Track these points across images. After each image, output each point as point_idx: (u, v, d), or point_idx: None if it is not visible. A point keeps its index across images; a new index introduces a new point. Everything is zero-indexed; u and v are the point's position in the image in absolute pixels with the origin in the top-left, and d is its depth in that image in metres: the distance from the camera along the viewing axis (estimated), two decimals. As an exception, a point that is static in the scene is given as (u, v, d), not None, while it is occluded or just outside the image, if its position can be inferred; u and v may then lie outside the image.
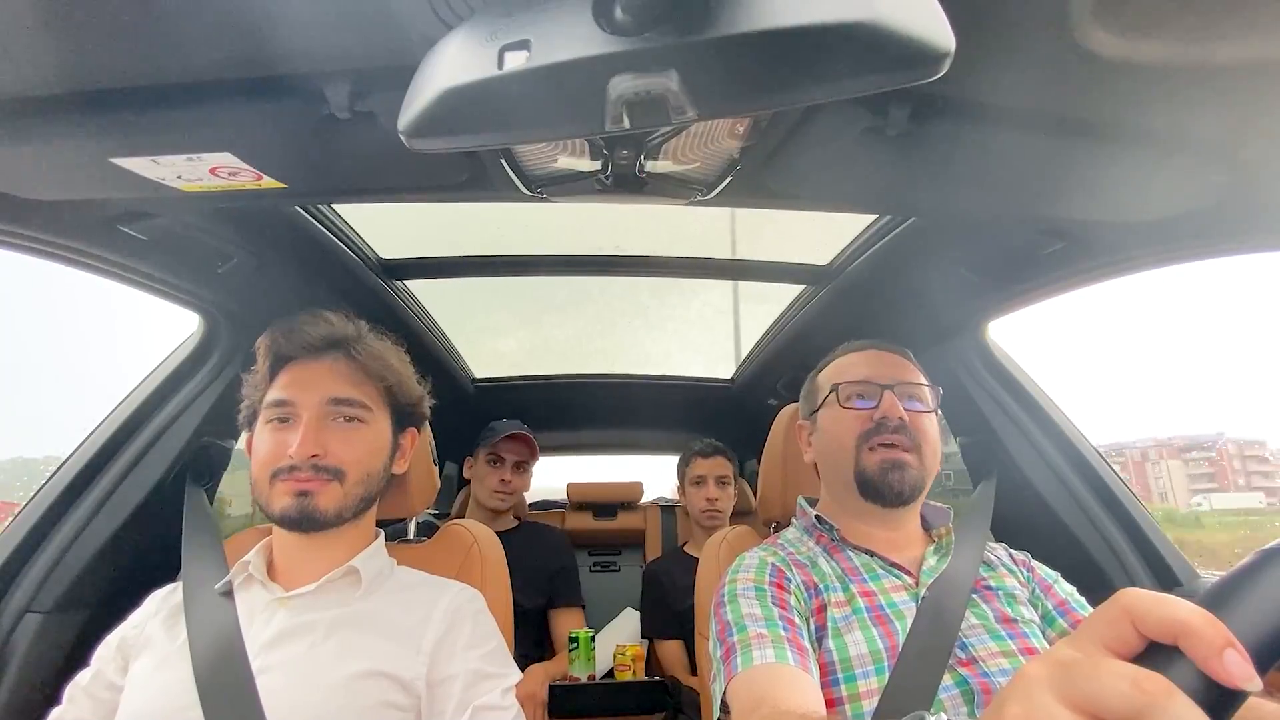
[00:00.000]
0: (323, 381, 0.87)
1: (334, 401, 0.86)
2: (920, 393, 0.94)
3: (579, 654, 1.53)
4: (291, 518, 0.82)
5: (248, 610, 0.84)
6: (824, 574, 0.88)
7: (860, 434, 0.91)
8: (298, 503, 0.82)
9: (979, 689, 0.76)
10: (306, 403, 0.85)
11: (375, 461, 0.90)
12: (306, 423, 0.84)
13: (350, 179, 0.82)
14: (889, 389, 0.92)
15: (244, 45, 0.57)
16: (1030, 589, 0.91)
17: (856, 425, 0.92)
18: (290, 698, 0.76)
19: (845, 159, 0.77)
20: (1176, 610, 0.28)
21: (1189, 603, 0.29)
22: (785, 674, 0.72)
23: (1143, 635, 0.29)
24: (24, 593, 1.05)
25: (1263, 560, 0.31)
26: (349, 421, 0.87)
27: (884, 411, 0.90)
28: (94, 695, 0.81)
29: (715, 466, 2.02)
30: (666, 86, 0.40)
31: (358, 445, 0.87)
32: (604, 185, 0.77)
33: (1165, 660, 0.28)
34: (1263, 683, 0.27)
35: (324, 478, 0.84)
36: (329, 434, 0.85)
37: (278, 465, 0.83)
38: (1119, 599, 0.30)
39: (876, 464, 0.89)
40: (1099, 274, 1.05)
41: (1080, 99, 0.64)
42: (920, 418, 0.92)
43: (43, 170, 0.73)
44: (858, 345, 1.02)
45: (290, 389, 0.87)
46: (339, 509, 0.85)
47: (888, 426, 0.90)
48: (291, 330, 0.89)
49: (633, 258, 1.43)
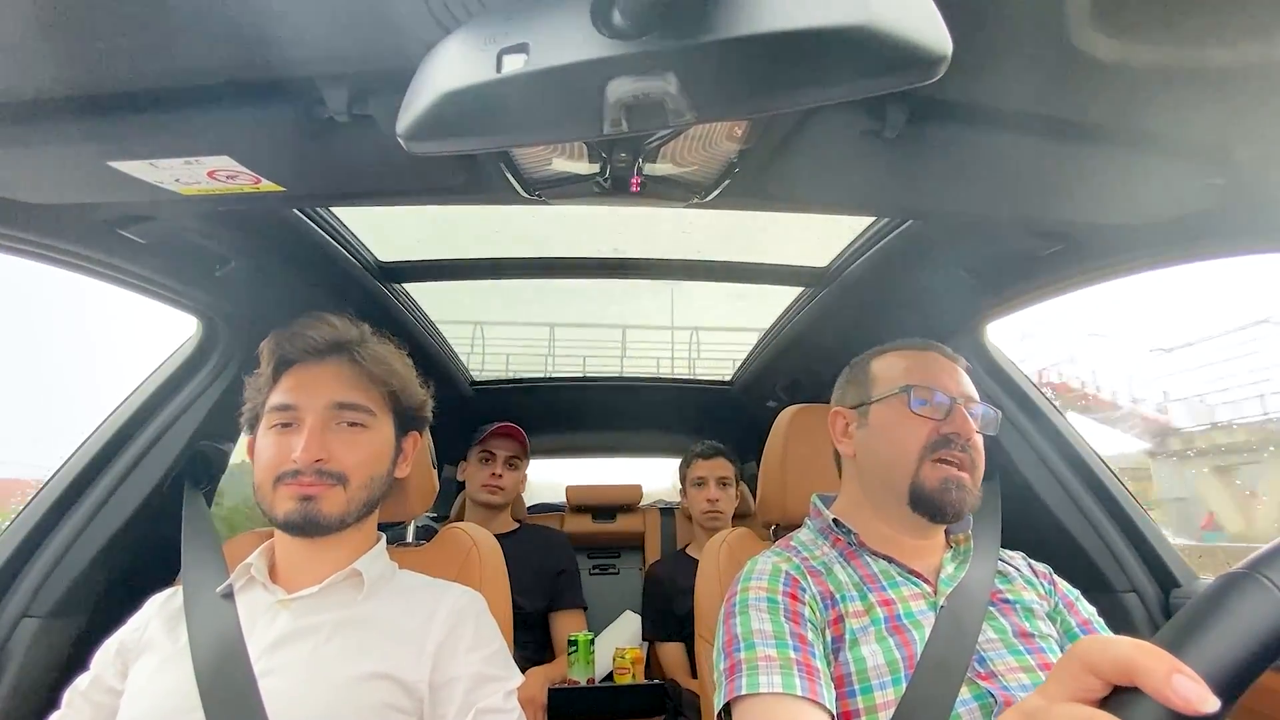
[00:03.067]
0: (326, 385, 0.87)
1: (338, 406, 0.86)
2: (980, 411, 0.91)
3: (578, 657, 1.52)
4: (295, 522, 0.82)
5: (250, 613, 0.83)
6: (840, 583, 0.85)
7: (926, 444, 0.86)
8: (301, 507, 0.81)
9: (1001, 702, 0.75)
10: (310, 407, 0.85)
11: (379, 466, 0.90)
12: (310, 427, 0.83)
13: (348, 182, 0.82)
14: (958, 403, 0.87)
15: (242, 49, 0.57)
16: (1052, 603, 0.90)
17: (923, 434, 0.87)
18: (293, 699, 0.75)
19: (843, 161, 0.77)
20: (1120, 650, 0.29)
21: (1137, 641, 0.30)
22: (793, 707, 0.71)
23: (1104, 680, 0.30)
24: (21, 597, 1.04)
25: (1223, 587, 0.32)
26: (353, 426, 0.87)
27: (956, 427, 0.86)
28: (92, 700, 0.81)
29: (716, 468, 2.02)
30: (665, 89, 0.40)
31: (361, 449, 0.87)
32: (602, 188, 0.77)
33: (1128, 701, 0.29)
34: (1223, 708, 0.27)
35: (328, 482, 0.83)
36: (333, 438, 0.85)
37: (281, 470, 0.82)
38: (1073, 651, 0.31)
39: (939, 480, 0.85)
40: (1097, 275, 1.05)
41: (1077, 101, 0.65)
42: (978, 439, 0.89)
43: (40, 174, 0.73)
44: (919, 343, 0.97)
45: (294, 392, 0.86)
46: (342, 514, 0.84)
47: (957, 443, 0.85)
48: (295, 333, 0.88)
49: (631, 260, 1.43)
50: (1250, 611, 0.30)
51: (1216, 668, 0.29)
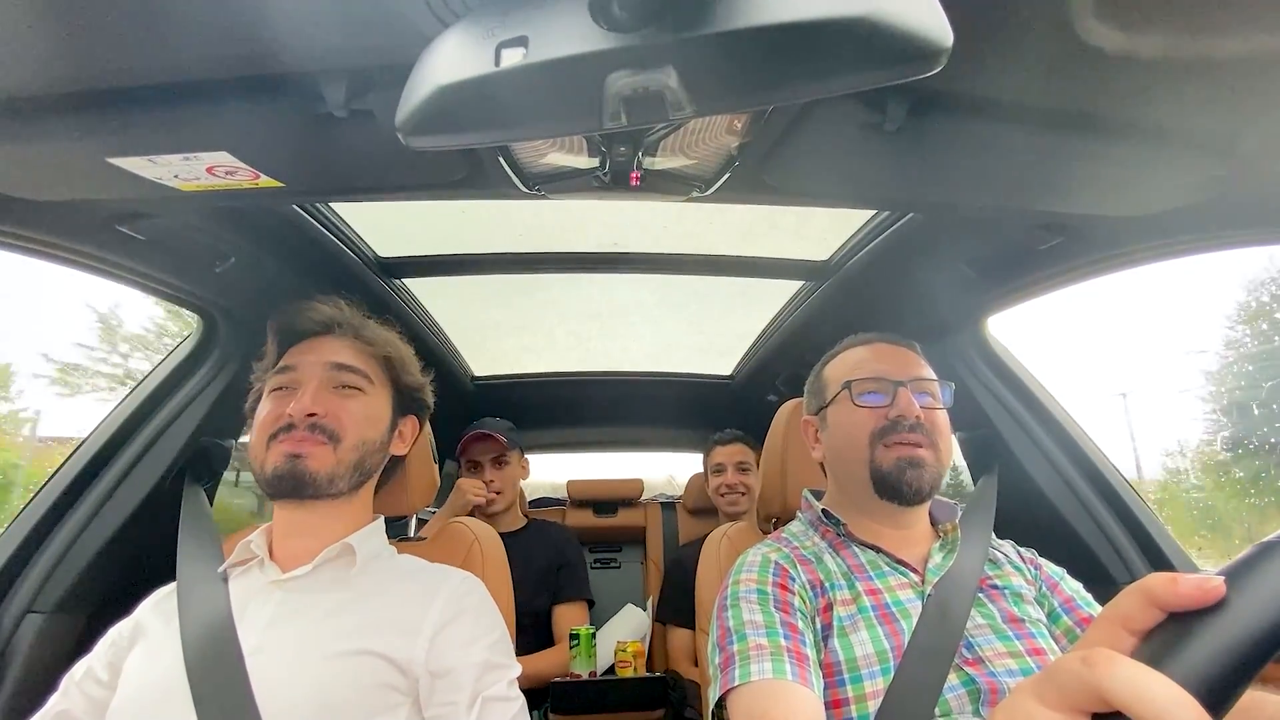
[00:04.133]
0: (325, 350, 0.90)
1: (335, 366, 0.89)
2: (932, 388, 0.92)
3: (580, 651, 1.53)
4: (283, 476, 0.82)
5: (245, 594, 0.84)
6: (829, 571, 0.87)
7: (874, 431, 0.89)
8: (290, 464, 0.82)
9: (986, 688, 0.75)
10: (308, 367, 0.88)
11: (372, 431, 0.91)
12: (306, 384, 0.86)
13: (348, 177, 0.82)
14: (902, 385, 0.90)
15: (241, 44, 0.57)
16: (1037, 586, 0.91)
17: (870, 422, 0.90)
18: (281, 678, 0.75)
19: (844, 154, 0.77)
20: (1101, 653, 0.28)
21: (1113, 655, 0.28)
22: (783, 690, 0.72)
23: (1101, 698, 0.28)
24: (25, 593, 1.05)
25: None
26: (349, 389, 0.90)
27: (900, 409, 0.88)
28: (84, 690, 0.81)
29: (733, 453, 2.06)
30: (664, 83, 0.40)
31: (355, 411, 0.89)
32: (602, 182, 0.77)
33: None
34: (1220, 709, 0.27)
35: (319, 438, 0.84)
36: (329, 396, 0.87)
37: (276, 426, 0.84)
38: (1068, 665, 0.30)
39: (893, 461, 0.87)
40: (1098, 268, 1.05)
41: (1078, 93, 0.64)
42: (934, 414, 0.90)
43: (40, 170, 0.73)
44: (864, 338, 1.00)
45: (293, 357, 0.90)
46: (330, 472, 0.85)
47: (904, 425, 0.88)
48: (299, 309, 0.92)
49: (632, 254, 1.43)
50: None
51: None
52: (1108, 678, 0.27)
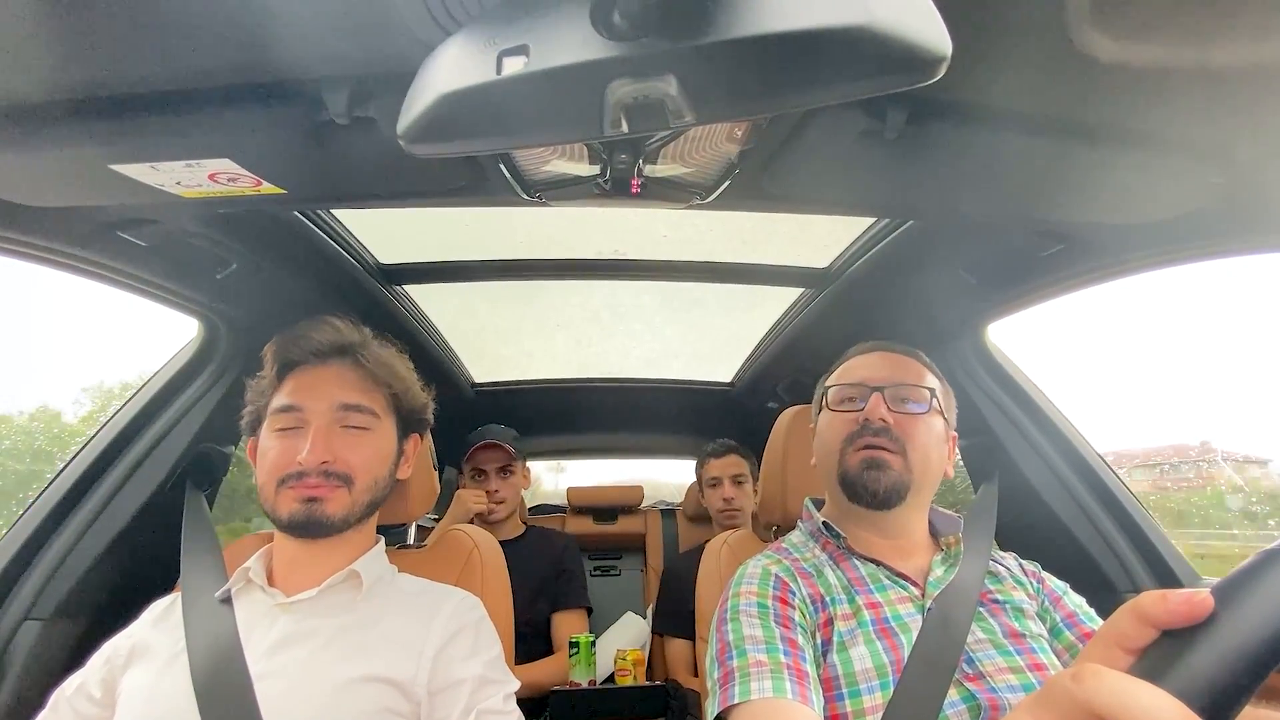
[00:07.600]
0: (331, 387, 0.87)
1: (343, 407, 0.87)
2: (916, 394, 0.92)
3: (579, 659, 1.52)
4: (299, 523, 0.82)
5: (248, 617, 0.83)
6: (830, 585, 0.86)
7: (845, 436, 0.91)
8: (306, 509, 0.82)
9: (986, 705, 0.74)
10: (315, 409, 0.86)
11: (382, 468, 0.90)
12: (316, 429, 0.84)
13: (349, 184, 0.82)
14: (879, 391, 0.90)
15: (243, 51, 0.57)
16: (1039, 601, 0.90)
17: (843, 428, 0.92)
18: (289, 703, 0.75)
19: (843, 162, 0.77)
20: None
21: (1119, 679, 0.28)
22: (784, 710, 0.71)
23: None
24: (24, 599, 1.05)
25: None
26: (357, 429, 0.88)
27: (866, 414, 0.89)
28: (75, 707, 0.80)
29: (729, 466, 2.02)
30: (665, 91, 0.40)
31: (366, 451, 0.88)
32: (603, 189, 0.77)
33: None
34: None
35: (333, 484, 0.84)
36: (337, 440, 0.85)
37: (286, 472, 0.83)
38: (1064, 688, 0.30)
39: (856, 462, 0.88)
40: (1098, 276, 1.05)
41: (1077, 102, 0.65)
42: (911, 420, 0.89)
43: (42, 177, 0.73)
44: (865, 347, 1.01)
45: (298, 394, 0.87)
46: (346, 515, 0.85)
47: (870, 429, 0.89)
48: (299, 336, 0.89)
49: (632, 261, 1.44)
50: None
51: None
52: (1094, 691, 0.28)
